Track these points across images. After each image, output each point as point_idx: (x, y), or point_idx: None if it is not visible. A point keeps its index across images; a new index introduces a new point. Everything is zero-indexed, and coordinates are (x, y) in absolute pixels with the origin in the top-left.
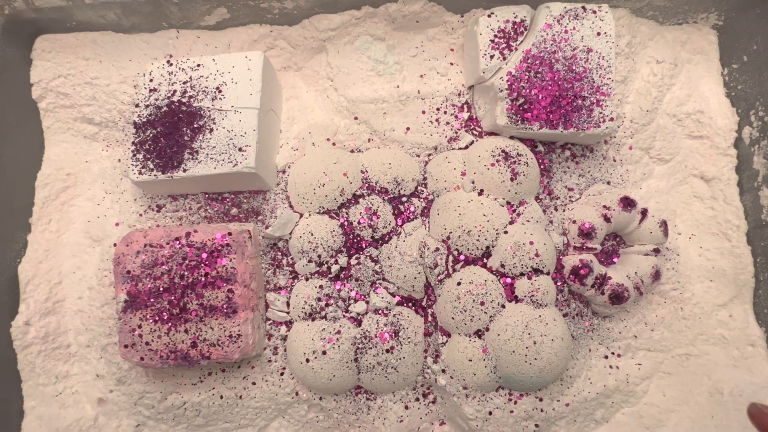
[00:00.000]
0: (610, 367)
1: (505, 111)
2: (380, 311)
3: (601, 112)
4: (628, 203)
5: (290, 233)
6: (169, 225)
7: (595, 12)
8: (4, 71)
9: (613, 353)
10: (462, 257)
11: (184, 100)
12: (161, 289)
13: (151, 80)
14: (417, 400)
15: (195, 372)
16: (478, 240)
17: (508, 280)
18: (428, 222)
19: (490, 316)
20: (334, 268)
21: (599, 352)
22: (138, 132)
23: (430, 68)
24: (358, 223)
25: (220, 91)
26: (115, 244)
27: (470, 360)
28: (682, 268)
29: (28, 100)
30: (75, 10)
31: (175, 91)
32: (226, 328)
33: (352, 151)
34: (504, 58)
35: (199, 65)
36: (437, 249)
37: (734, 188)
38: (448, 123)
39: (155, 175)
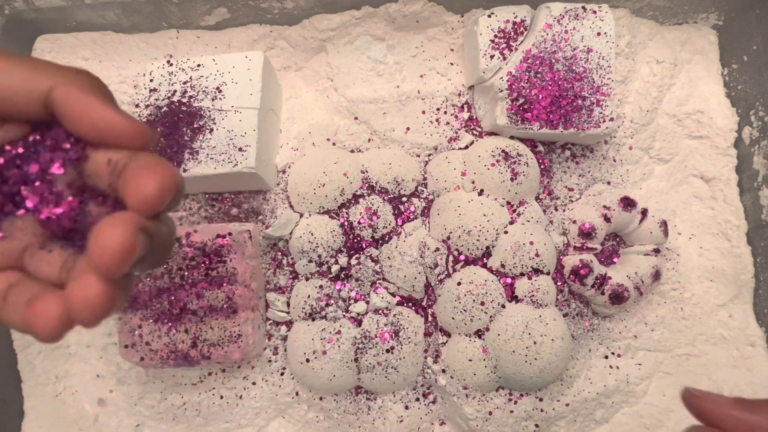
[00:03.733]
0: (610, 367)
1: (505, 111)
2: (380, 311)
3: (601, 112)
4: (628, 203)
5: (290, 233)
6: None
7: (595, 12)
8: None
9: (613, 353)
10: (462, 257)
11: (184, 100)
12: (161, 289)
13: (151, 80)
14: (417, 400)
15: (195, 372)
16: (478, 240)
17: (508, 280)
18: (428, 222)
19: (490, 316)
20: (334, 268)
21: (599, 352)
22: None
23: (430, 68)
24: (358, 223)
25: (220, 91)
26: None
27: (470, 360)
28: (682, 268)
29: None
30: (75, 10)
31: (175, 91)
32: (226, 328)
33: (352, 151)
34: (504, 58)
35: (199, 65)
36: (437, 249)
37: (734, 188)
38: (448, 123)
39: None
